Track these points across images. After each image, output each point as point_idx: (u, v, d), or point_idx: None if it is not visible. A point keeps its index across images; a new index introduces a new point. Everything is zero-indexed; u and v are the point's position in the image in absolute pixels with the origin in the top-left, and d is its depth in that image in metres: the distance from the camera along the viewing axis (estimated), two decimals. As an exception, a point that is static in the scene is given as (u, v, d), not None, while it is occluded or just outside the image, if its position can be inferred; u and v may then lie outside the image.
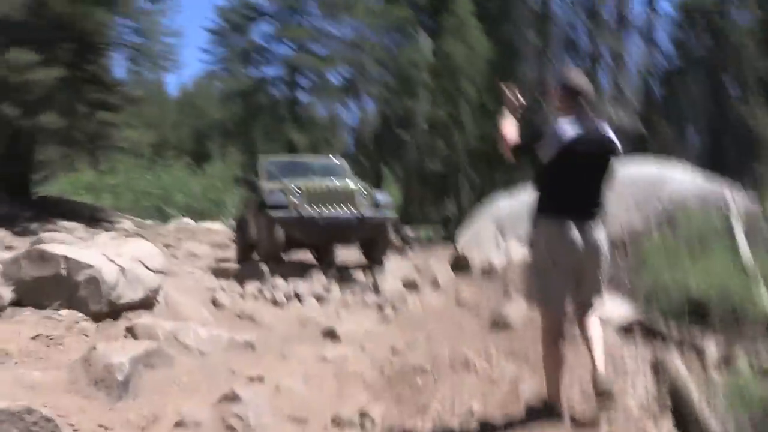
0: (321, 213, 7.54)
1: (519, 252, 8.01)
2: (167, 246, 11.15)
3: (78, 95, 12.38)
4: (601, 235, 3.30)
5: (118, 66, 16.65)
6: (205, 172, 22.56)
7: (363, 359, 4.56)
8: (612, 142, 3.29)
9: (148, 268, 5.37)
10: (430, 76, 18.85)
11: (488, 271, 7.83)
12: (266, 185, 8.18)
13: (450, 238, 13.78)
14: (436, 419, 3.48)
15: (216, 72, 37.94)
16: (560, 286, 3.26)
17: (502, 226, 9.21)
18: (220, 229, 15.91)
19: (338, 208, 7.64)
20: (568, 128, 3.21)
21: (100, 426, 3.21)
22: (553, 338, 3.30)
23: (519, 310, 5.47)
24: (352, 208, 7.72)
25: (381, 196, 8.17)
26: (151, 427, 3.29)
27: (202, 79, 44.41)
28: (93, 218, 12.95)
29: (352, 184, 8.23)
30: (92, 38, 12.42)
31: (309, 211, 7.50)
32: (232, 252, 10.53)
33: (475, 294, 6.87)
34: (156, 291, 5.29)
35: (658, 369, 3.84)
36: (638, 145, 15.04)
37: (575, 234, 3.22)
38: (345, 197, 7.71)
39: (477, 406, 3.57)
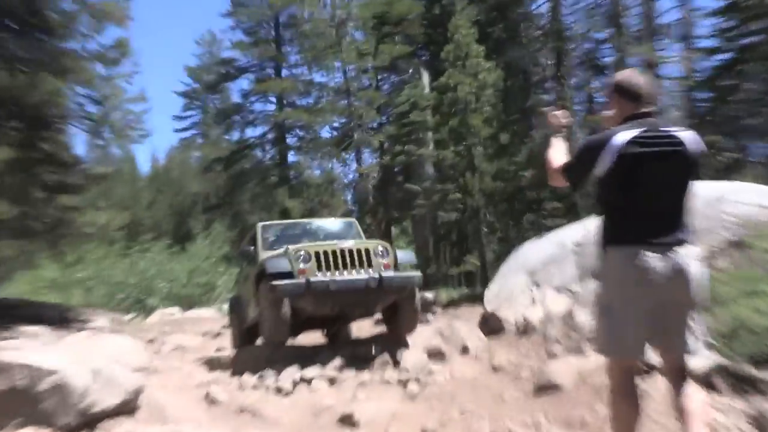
0: (333, 277, 7.22)
1: (558, 302, 7.99)
2: (150, 341, 11.14)
3: (32, 178, 12.05)
4: (692, 263, 2.98)
5: (77, 141, 16.90)
6: (188, 253, 22.64)
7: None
8: (684, 143, 3.01)
9: (126, 367, 5.31)
10: (433, 115, 19.25)
11: (524, 329, 7.80)
12: (266, 253, 8.18)
13: (475, 296, 13.70)
14: None
15: (191, 140, 39.16)
16: (634, 331, 2.98)
17: (535, 275, 9.23)
18: (212, 316, 15.91)
19: (353, 272, 7.37)
20: (624, 133, 3.00)
21: None
22: (624, 396, 3.04)
23: (567, 368, 5.46)
24: (369, 270, 7.42)
25: (402, 254, 8.03)
26: None
27: (176, 149, 45.91)
28: (62, 319, 12.83)
29: (366, 242, 8.03)
30: (43, 112, 11.99)
31: (319, 276, 7.21)
32: (227, 340, 10.49)
33: (513, 356, 6.91)
34: (137, 393, 5.20)
35: (760, 423, 3.64)
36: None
37: (653, 264, 2.94)
38: (360, 257, 7.45)
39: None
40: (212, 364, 7.80)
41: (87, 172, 13.86)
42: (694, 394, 3.01)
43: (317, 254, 7.37)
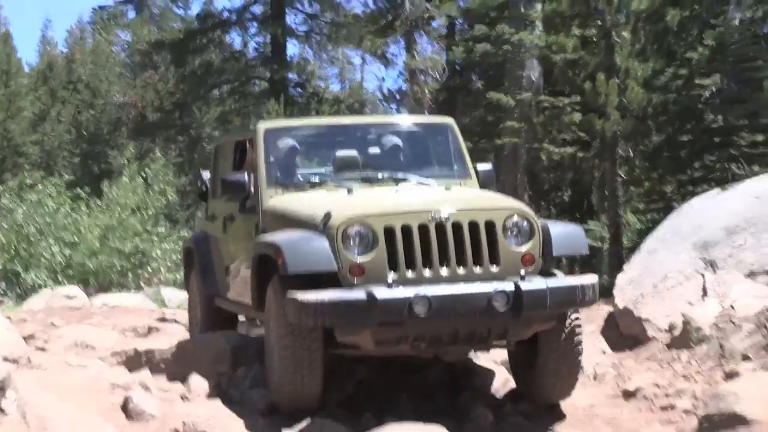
0: (421, 290, 6.05)
1: (752, 294, 8.16)
2: (29, 338, 11.33)
3: None
4: None
5: None
6: (104, 202, 22.78)
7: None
8: None
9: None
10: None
11: (684, 338, 7.89)
12: (274, 199, 7.54)
13: (599, 285, 13.83)
14: None
15: (115, 12, 39.06)
16: None
17: (710, 250, 9.41)
18: (141, 306, 16.02)
19: (459, 270, 6.33)
20: None
21: None
22: None
23: (763, 392, 5.56)
24: (493, 267, 6.41)
25: (560, 231, 6.97)
26: None
27: (87, 30, 46.05)
28: None
29: (482, 198, 7.22)
30: None
31: (393, 286, 6.09)
32: (166, 338, 10.66)
33: (661, 378, 7.15)
34: (1, 387, 5.29)
35: None
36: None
37: None
38: (475, 239, 6.36)
39: None
40: (137, 361, 7.89)
41: None
42: None
43: (389, 232, 6.28)
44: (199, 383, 6.95)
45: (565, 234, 6.95)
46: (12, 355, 6.05)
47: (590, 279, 6.68)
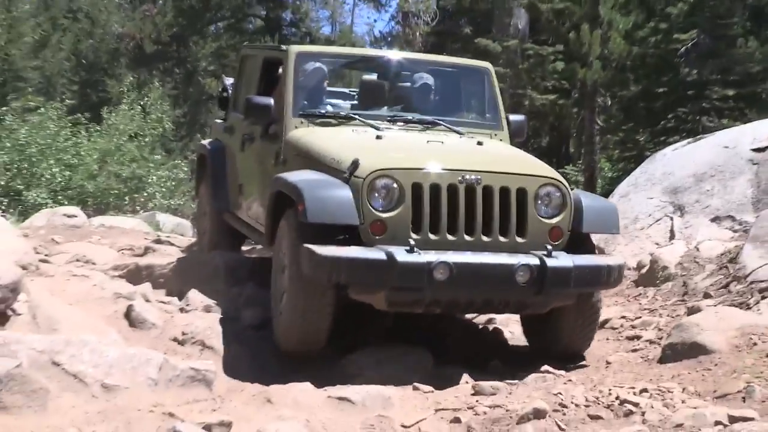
0: (445, 256, 5.55)
1: (716, 237, 8.35)
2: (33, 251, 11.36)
3: None
4: None
5: None
6: (103, 127, 22.68)
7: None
8: None
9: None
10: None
11: (652, 275, 8.04)
12: (297, 131, 6.88)
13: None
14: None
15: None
16: None
17: (679, 195, 9.50)
18: (137, 228, 16.02)
19: (485, 239, 5.80)
20: None
21: None
22: None
23: (721, 323, 5.69)
24: (519, 238, 5.85)
25: (591, 203, 6.30)
26: None
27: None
28: None
29: (513, 160, 6.50)
30: None
31: (416, 251, 5.51)
32: (161, 258, 10.71)
33: (629, 312, 7.28)
34: (13, 292, 5.35)
35: None
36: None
37: None
38: (504, 207, 5.81)
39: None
40: (137, 275, 7.95)
41: None
42: None
43: (417, 189, 5.70)
44: (197, 298, 6.98)
45: (599, 210, 6.28)
46: (22, 261, 6.06)
47: (617, 260, 6.21)
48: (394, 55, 8.46)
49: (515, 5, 20.10)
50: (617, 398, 4.55)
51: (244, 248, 9.40)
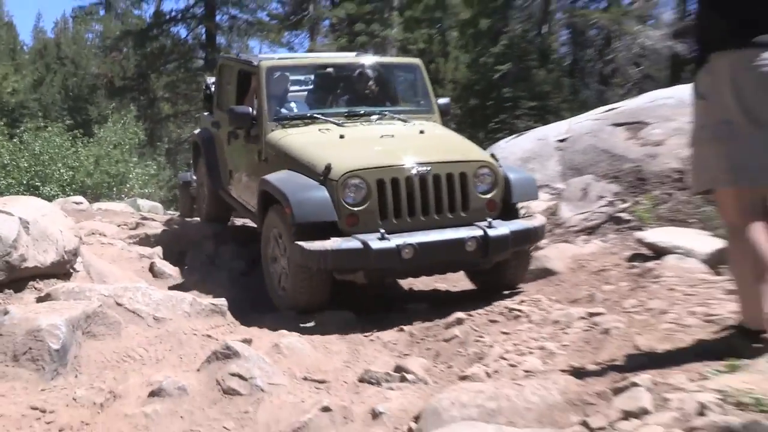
0: (409, 238, 5.10)
1: (540, 199, 8.38)
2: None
3: None
4: None
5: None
6: (95, 138, 22.16)
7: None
8: None
9: (59, 225, 5.25)
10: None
11: None
12: (272, 135, 6.20)
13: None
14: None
15: (90, 10, 37.23)
16: (761, 153, 2.72)
17: None
18: (125, 210, 15.67)
19: (436, 218, 5.35)
20: None
21: (34, 409, 3.14)
22: (752, 232, 2.76)
23: (559, 254, 5.99)
24: (463, 213, 5.41)
25: (516, 177, 5.76)
26: (113, 405, 3.18)
27: (70, 20, 44.00)
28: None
29: (453, 148, 5.89)
30: None
31: (385, 237, 5.07)
32: (151, 229, 10.44)
33: None
34: (74, 254, 5.17)
35: None
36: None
37: None
38: (450, 189, 5.40)
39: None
40: (148, 241, 7.81)
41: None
42: None
43: (381, 184, 5.25)
44: (195, 257, 7.00)
45: (522, 182, 5.77)
46: (73, 228, 5.89)
47: (541, 221, 5.68)
48: (344, 58, 7.78)
49: (390, 47, 20.18)
50: (506, 307, 4.66)
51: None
